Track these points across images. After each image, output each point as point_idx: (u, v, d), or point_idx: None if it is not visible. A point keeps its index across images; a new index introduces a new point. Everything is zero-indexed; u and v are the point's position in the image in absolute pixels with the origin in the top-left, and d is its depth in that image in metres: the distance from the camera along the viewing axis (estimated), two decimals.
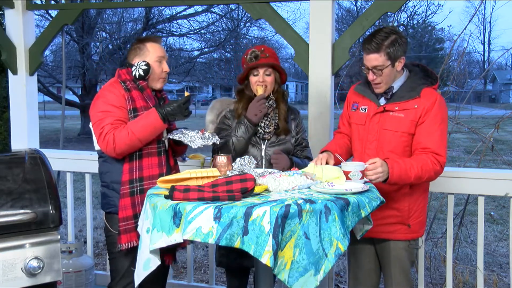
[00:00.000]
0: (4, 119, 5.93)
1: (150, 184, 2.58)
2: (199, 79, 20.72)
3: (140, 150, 2.60)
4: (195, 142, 2.59)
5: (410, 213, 2.55)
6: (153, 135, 2.57)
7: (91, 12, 16.43)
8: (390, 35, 2.41)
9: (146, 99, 2.64)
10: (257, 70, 2.70)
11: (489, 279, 4.23)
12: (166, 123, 2.56)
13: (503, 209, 7.15)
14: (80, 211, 6.67)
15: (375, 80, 2.47)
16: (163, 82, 2.74)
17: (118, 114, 2.57)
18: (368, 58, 2.43)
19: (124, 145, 2.52)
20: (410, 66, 2.59)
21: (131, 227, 2.58)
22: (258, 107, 2.65)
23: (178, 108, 2.53)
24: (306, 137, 2.90)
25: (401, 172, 2.35)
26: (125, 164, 2.60)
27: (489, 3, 39.55)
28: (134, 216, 2.57)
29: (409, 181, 2.39)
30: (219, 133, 2.81)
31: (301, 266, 1.84)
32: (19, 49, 4.06)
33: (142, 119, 2.54)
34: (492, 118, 5.06)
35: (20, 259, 2.20)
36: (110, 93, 2.62)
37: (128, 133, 2.51)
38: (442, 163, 2.44)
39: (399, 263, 2.59)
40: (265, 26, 18.92)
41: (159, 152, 2.65)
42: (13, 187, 2.28)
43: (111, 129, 2.53)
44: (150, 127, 2.52)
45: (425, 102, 2.45)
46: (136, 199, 2.59)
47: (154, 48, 2.69)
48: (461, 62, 5.37)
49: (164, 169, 2.64)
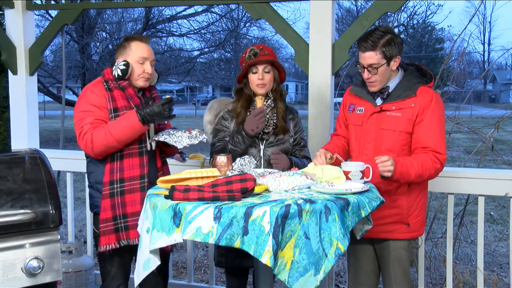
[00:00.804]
0: (4, 119, 5.93)
1: (131, 185, 2.56)
2: (199, 79, 20.69)
3: (121, 151, 2.57)
4: (181, 142, 2.55)
5: (409, 211, 2.55)
6: (132, 136, 2.53)
7: (91, 12, 16.41)
8: (386, 35, 2.43)
9: (128, 98, 2.60)
10: (256, 68, 2.69)
11: (489, 279, 4.23)
12: (146, 124, 2.52)
13: (503, 209, 7.15)
14: (80, 211, 6.67)
15: (370, 79, 2.49)
16: (145, 81, 2.67)
17: (98, 114, 2.56)
18: (363, 56, 2.46)
19: (102, 145, 2.50)
20: (405, 65, 2.61)
21: (110, 229, 2.55)
22: (256, 122, 2.62)
23: (157, 110, 2.49)
24: (304, 137, 2.89)
25: (402, 169, 2.36)
26: (107, 165, 2.58)
27: (489, 3, 39.58)
28: (113, 218, 2.54)
29: (410, 179, 2.40)
30: (217, 134, 2.79)
31: (301, 266, 1.84)
32: (19, 49, 4.06)
33: (121, 120, 2.52)
34: (492, 118, 5.06)
35: (20, 259, 2.20)
36: (91, 92, 2.60)
37: (106, 134, 2.48)
38: (442, 161, 2.45)
39: (399, 263, 2.59)
40: (265, 26, 18.91)
41: (141, 152, 2.61)
42: (13, 187, 2.28)
43: (90, 128, 2.52)
44: (129, 128, 2.49)
45: (422, 100, 2.47)
46: (116, 201, 2.55)
47: (137, 47, 2.64)
48: (461, 62, 5.37)
49: (145, 169, 2.60)
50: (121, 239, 2.56)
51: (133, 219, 2.55)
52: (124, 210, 2.55)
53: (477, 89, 31.50)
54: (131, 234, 2.55)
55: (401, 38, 2.54)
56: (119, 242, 2.55)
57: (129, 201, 2.56)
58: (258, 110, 2.65)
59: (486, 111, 6.13)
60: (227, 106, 2.85)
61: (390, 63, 2.47)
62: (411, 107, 2.47)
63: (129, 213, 2.56)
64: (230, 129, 2.77)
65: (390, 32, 2.46)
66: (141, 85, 2.68)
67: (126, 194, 2.56)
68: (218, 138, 2.78)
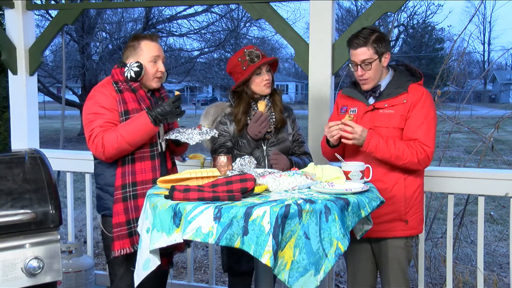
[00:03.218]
0: (4, 119, 5.93)
1: (144, 189, 2.49)
2: (199, 79, 20.70)
3: (132, 154, 2.52)
4: (193, 138, 2.51)
5: (406, 208, 2.57)
6: (144, 138, 2.48)
7: (91, 12, 16.42)
8: (374, 32, 2.54)
9: (139, 100, 2.55)
10: (259, 69, 2.71)
11: (489, 279, 4.23)
12: (158, 125, 2.47)
13: (503, 209, 7.15)
14: (80, 211, 6.67)
15: (364, 76, 2.54)
16: (159, 81, 2.64)
17: (108, 116, 2.49)
18: (356, 53, 2.52)
19: (113, 149, 2.43)
20: (394, 66, 2.69)
21: (124, 234, 2.51)
22: (258, 126, 2.64)
23: (168, 108, 2.44)
24: (301, 133, 2.91)
25: (379, 143, 2.44)
26: (118, 169, 2.53)
27: (489, 3, 39.54)
28: (127, 222, 2.50)
29: (387, 155, 2.46)
30: (217, 140, 2.77)
31: (301, 266, 1.84)
32: (19, 49, 4.06)
33: (132, 122, 2.45)
34: (492, 118, 5.07)
35: (20, 259, 2.20)
36: (101, 94, 2.53)
37: (117, 137, 2.41)
38: (428, 153, 2.51)
39: (396, 262, 2.60)
40: (265, 26, 18.91)
41: (153, 156, 2.56)
42: (13, 187, 2.28)
43: (100, 132, 2.45)
44: (141, 130, 2.43)
45: (413, 96, 2.54)
46: (129, 205, 2.51)
47: (148, 47, 2.58)
48: (461, 62, 5.37)
49: (158, 173, 2.55)
50: (135, 243, 2.51)
51: None
52: (137, 214, 2.48)
53: (477, 89, 31.52)
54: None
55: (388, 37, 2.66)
56: (133, 246, 2.52)
57: (142, 205, 2.48)
58: (258, 114, 2.66)
59: (486, 111, 6.12)
60: (224, 110, 2.83)
61: (382, 59, 2.54)
62: (403, 103, 2.54)
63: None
64: (230, 133, 2.76)
65: (378, 30, 2.58)
66: (154, 87, 2.63)
67: (139, 198, 2.51)
68: (219, 144, 2.76)
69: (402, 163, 2.49)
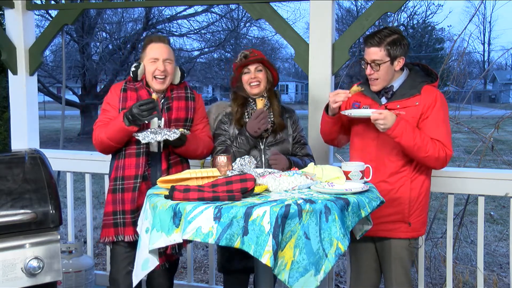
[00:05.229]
0: (4, 119, 5.92)
1: (129, 184, 2.64)
2: (199, 79, 20.71)
3: (124, 149, 2.68)
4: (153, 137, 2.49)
5: (410, 210, 2.56)
6: (120, 136, 2.60)
7: (91, 12, 16.42)
8: (393, 34, 2.47)
9: (138, 100, 2.65)
10: (247, 68, 2.75)
11: (489, 279, 4.23)
12: (132, 125, 2.53)
13: (503, 209, 7.15)
14: (80, 211, 6.67)
15: (372, 75, 2.51)
16: (160, 82, 2.68)
17: (110, 112, 2.70)
18: (368, 51, 2.49)
19: (98, 142, 2.66)
20: (410, 65, 2.63)
21: (110, 223, 2.66)
22: (257, 123, 2.66)
23: (135, 111, 2.49)
24: (304, 135, 2.91)
25: (406, 129, 2.38)
26: (115, 162, 2.72)
27: (489, 3, 39.56)
28: (114, 213, 2.65)
29: (411, 143, 2.40)
30: (217, 138, 2.81)
31: (301, 266, 1.84)
32: (19, 49, 4.06)
33: (113, 120, 2.61)
34: (492, 118, 5.06)
35: (20, 259, 2.20)
36: (110, 91, 2.76)
37: (101, 132, 2.64)
38: (447, 155, 2.47)
39: (400, 262, 2.59)
40: (265, 26, 18.91)
41: (138, 153, 2.67)
42: (13, 187, 2.28)
43: (98, 126, 2.68)
44: (116, 129, 2.57)
45: (426, 98, 2.49)
46: (117, 197, 2.66)
47: (150, 49, 2.71)
48: (461, 62, 5.36)
49: (140, 171, 2.65)
50: (119, 234, 2.65)
51: (129, 216, 2.64)
52: (123, 207, 2.65)
53: (477, 89, 31.52)
54: (126, 231, 2.64)
55: (408, 41, 2.57)
56: (117, 236, 2.65)
57: (127, 198, 2.65)
58: (259, 111, 2.69)
59: (486, 111, 6.12)
60: (225, 109, 2.88)
61: (394, 63, 2.49)
62: (415, 106, 2.50)
63: (126, 210, 2.65)
64: (230, 133, 2.79)
65: (398, 32, 2.51)
66: (156, 87, 2.71)
67: (125, 192, 2.66)
68: (219, 142, 2.80)
69: (423, 155, 2.44)
